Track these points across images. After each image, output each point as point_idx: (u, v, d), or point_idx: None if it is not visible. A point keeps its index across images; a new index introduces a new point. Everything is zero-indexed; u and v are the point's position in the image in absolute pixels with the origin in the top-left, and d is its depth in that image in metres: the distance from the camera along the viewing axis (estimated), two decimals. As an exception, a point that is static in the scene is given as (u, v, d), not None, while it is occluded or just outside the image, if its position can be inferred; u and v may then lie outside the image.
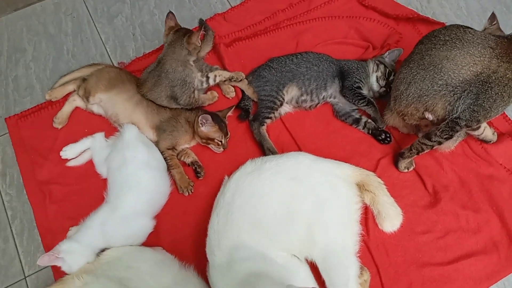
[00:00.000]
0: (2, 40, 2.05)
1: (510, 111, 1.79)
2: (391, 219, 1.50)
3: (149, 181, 1.56)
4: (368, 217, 1.57)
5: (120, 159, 1.58)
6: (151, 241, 1.59)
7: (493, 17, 1.58)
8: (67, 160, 1.73)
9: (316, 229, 1.37)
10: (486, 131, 1.62)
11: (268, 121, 1.72)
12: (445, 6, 2.04)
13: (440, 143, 1.49)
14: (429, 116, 1.47)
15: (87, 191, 1.67)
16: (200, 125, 1.64)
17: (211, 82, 1.76)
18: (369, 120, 1.73)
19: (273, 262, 1.32)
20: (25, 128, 1.83)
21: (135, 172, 1.55)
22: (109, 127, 1.75)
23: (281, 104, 1.73)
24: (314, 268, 1.37)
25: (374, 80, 1.75)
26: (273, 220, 1.37)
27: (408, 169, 1.66)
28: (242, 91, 1.81)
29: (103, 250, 1.52)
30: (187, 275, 1.47)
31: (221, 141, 1.67)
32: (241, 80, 1.78)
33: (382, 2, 1.99)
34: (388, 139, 1.71)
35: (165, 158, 1.67)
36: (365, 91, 1.74)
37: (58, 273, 1.50)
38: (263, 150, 1.69)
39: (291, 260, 1.37)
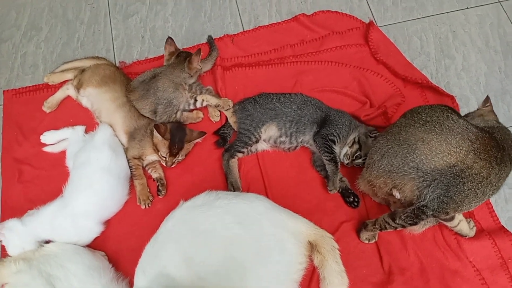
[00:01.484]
0: (24, 15, 2.13)
1: (500, 207, 1.65)
2: None
3: (103, 186, 1.56)
4: (313, 279, 1.51)
5: (85, 157, 1.60)
6: (96, 245, 1.60)
7: (487, 99, 1.50)
8: (44, 144, 1.77)
9: (249, 279, 1.32)
10: (461, 225, 1.50)
11: (240, 155, 1.68)
12: (462, 78, 1.89)
13: (403, 226, 1.40)
14: (397, 194, 1.38)
15: (54, 180, 1.69)
16: (155, 131, 1.61)
17: (198, 105, 1.77)
18: (343, 178, 1.65)
19: None
20: (18, 104, 1.89)
21: (93, 174, 1.56)
22: (93, 123, 1.77)
23: (257, 141, 1.68)
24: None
25: (343, 152, 1.66)
26: (206, 261, 1.32)
27: (369, 241, 1.57)
28: (226, 118, 1.78)
29: (47, 242, 1.56)
30: (116, 288, 1.47)
31: (164, 157, 1.64)
32: (227, 109, 1.75)
33: (395, 60, 1.88)
34: (356, 203, 1.62)
35: (130, 167, 1.67)
36: (336, 148, 1.63)
37: (5, 253, 1.54)
38: (227, 183, 1.65)
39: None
